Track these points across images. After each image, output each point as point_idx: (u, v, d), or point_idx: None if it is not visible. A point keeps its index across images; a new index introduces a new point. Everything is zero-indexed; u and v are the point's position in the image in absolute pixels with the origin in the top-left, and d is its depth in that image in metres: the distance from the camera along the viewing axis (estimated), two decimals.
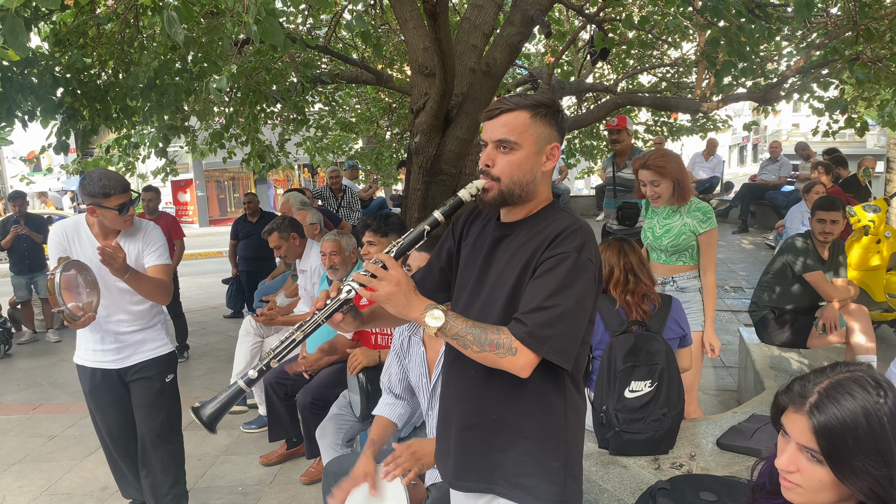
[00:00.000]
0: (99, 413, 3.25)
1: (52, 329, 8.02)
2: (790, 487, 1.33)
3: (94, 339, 3.14)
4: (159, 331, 3.27)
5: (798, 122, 37.23)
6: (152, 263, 3.10)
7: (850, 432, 1.23)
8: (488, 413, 1.71)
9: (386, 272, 1.53)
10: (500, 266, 1.70)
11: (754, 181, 11.01)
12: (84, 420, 5.13)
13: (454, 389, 1.80)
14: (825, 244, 4.22)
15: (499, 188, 1.65)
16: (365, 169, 12.08)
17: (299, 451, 4.23)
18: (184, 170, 23.73)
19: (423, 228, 1.63)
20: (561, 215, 1.68)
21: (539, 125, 1.66)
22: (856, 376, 1.29)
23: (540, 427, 1.69)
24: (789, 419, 1.32)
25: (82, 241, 3.02)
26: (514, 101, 1.66)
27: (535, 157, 1.67)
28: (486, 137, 1.68)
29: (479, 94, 4.58)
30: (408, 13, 4.53)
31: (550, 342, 1.52)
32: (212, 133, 7.66)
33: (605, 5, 6.56)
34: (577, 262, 1.57)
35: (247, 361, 4.71)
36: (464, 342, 1.55)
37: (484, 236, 1.79)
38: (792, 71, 7.32)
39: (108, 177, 2.92)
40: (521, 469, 1.69)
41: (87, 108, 5.68)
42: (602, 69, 11.21)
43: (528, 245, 1.65)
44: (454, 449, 1.78)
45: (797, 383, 1.34)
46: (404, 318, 1.58)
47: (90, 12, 5.42)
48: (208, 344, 7.39)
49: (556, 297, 1.54)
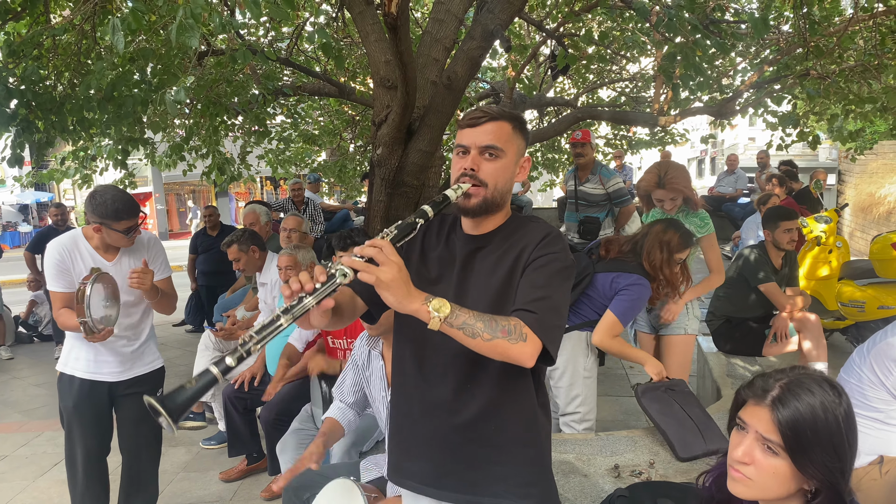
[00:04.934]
0: (80, 428, 3.16)
1: (3, 346, 7.80)
2: (739, 479, 1.38)
3: (89, 351, 3.10)
4: (151, 345, 3.30)
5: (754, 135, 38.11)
6: (159, 277, 3.14)
7: (810, 425, 1.31)
8: (486, 427, 1.70)
9: (387, 256, 1.41)
10: (481, 276, 1.69)
11: (711, 193, 11.24)
12: (37, 439, 4.99)
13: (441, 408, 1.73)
14: (780, 254, 4.35)
15: (484, 194, 1.65)
16: (328, 181, 12.03)
17: (260, 467, 4.18)
18: (143, 182, 23.37)
19: (415, 220, 1.55)
20: (535, 222, 1.72)
21: (518, 137, 1.71)
22: (814, 377, 1.38)
23: (525, 431, 1.72)
24: (749, 413, 1.38)
25: (83, 254, 3.00)
26: (496, 111, 1.68)
27: (513, 167, 1.71)
28: (469, 143, 1.67)
29: (441, 106, 4.61)
30: (369, 26, 4.54)
31: (551, 332, 1.54)
32: (171, 145, 7.55)
33: (564, 21, 6.66)
34: (565, 263, 1.63)
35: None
36: (472, 330, 1.46)
37: (451, 249, 1.76)
38: (746, 86, 7.51)
39: (122, 200, 2.92)
40: (525, 478, 1.72)
41: (42, 119, 5.57)
42: (563, 83, 11.36)
43: (510, 251, 1.67)
44: (451, 466, 1.74)
45: (759, 380, 1.41)
46: (402, 308, 1.44)
47: (45, 23, 5.33)
48: (168, 359, 7.19)
49: (551, 290, 1.58)
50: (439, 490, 1.75)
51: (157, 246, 3.20)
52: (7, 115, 5.16)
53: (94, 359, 3.10)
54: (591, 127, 12.21)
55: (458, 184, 1.64)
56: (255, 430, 4.16)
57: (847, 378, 2.52)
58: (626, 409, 4.73)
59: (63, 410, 3.20)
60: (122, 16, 2.90)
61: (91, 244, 3.02)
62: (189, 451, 4.64)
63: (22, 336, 8.31)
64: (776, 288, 4.20)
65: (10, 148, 5.48)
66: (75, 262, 2.97)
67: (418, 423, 1.77)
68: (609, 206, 5.68)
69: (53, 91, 5.70)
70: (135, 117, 5.94)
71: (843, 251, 5.75)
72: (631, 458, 3.02)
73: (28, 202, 24.96)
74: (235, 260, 4.69)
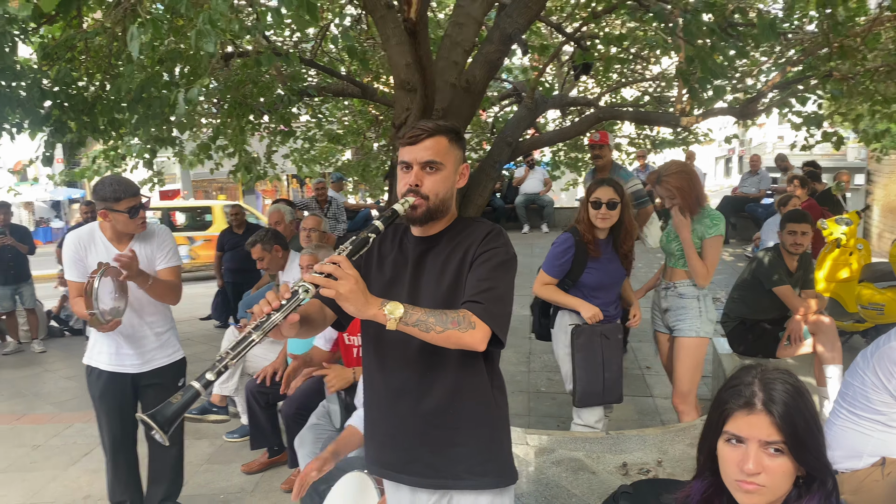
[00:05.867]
0: (105, 417, 3.33)
1: (36, 340, 8.03)
2: (754, 490, 1.37)
3: (110, 345, 3.25)
4: (172, 337, 3.43)
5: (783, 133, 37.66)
6: (164, 266, 3.26)
7: (798, 413, 1.36)
8: (446, 412, 1.84)
9: (343, 271, 1.55)
10: (432, 275, 1.85)
11: (735, 194, 11.18)
12: (67, 430, 5.17)
13: (406, 398, 1.87)
14: (794, 256, 4.34)
15: (427, 205, 1.81)
16: (352, 180, 12.17)
17: (281, 460, 4.29)
18: (171, 180, 23.74)
19: (367, 235, 1.70)
20: (478, 222, 1.90)
21: (455, 148, 1.87)
22: (768, 369, 1.44)
23: (482, 413, 1.87)
24: (742, 424, 1.38)
25: (97, 246, 3.15)
26: (431, 127, 1.82)
27: (453, 176, 1.87)
28: (410, 159, 1.83)
29: (460, 109, 4.69)
30: (390, 30, 4.63)
31: (498, 319, 1.72)
32: (199, 144, 7.74)
33: (584, 23, 6.70)
34: (507, 256, 1.81)
35: (230, 371, 4.77)
36: (426, 326, 1.63)
37: (404, 252, 1.93)
38: (768, 87, 7.48)
39: (119, 182, 3.08)
40: (480, 457, 1.86)
41: (74, 120, 5.75)
42: (586, 83, 11.37)
43: (457, 249, 1.84)
44: (416, 452, 1.88)
45: (730, 391, 1.43)
46: (361, 315, 1.60)
47: (78, 26, 5.50)
48: (195, 354, 7.40)
49: (496, 281, 1.75)
50: (410, 476, 1.90)
51: (166, 236, 3.33)
52: (41, 116, 5.34)
53: (115, 352, 3.25)
54: (615, 126, 12.24)
55: (405, 198, 1.80)
56: (276, 423, 4.27)
57: (851, 381, 2.55)
58: (641, 409, 4.77)
59: (92, 401, 3.37)
60: (141, 25, 3.01)
61: (106, 236, 3.17)
62: (213, 443, 4.77)
63: (54, 330, 8.54)
64: (790, 290, 4.21)
65: (43, 147, 5.67)
66: (90, 253, 3.12)
67: (386, 414, 1.93)
68: None
69: (85, 92, 5.88)
70: (162, 118, 6.10)
71: (864, 253, 5.72)
72: (640, 456, 3.09)
73: (60, 199, 25.51)
74: (259, 259, 4.82)
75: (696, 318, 3.65)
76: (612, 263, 3.60)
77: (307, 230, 4.72)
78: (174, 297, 3.34)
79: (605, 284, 3.60)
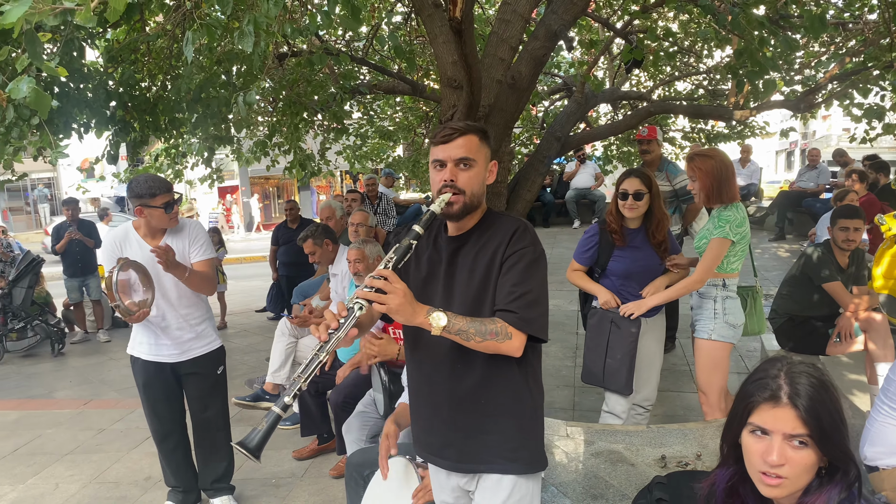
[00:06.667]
0: (150, 404, 3.54)
1: (102, 329, 8.42)
2: (776, 483, 1.40)
3: (149, 336, 3.44)
4: (208, 328, 3.58)
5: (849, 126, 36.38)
6: (198, 259, 3.42)
7: (823, 407, 1.38)
8: (477, 399, 1.94)
9: (392, 285, 1.70)
10: (464, 271, 1.95)
11: (792, 188, 10.90)
12: (130, 415, 5.43)
13: (440, 384, 1.99)
14: (845, 253, 4.26)
15: (463, 200, 1.91)
16: (403, 175, 12.32)
17: (330, 447, 4.44)
18: (230, 177, 24.35)
19: (409, 243, 1.82)
20: (503, 218, 1.98)
21: (484, 146, 1.96)
22: (793, 361, 1.46)
23: (512, 403, 1.95)
24: (767, 417, 1.41)
25: (131, 244, 3.33)
26: (462, 127, 1.93)
27: (484, 173, 1.96)
28: (444, 157, 1.92)
29: (506, 105, 4.73)
30: (437, 29, 4.69)
31: (535, 322, 1.83)
32: (256, 142, 7.97)
33: (632, 18, 6.65)
34: (535, 254, 1.89)
35: (281, 360, 4.96)
36: (467, 335, 1.77)
37: (439, 250, 2.03)
38: (826, 78, 7.29)
39: (153, 179, 3.26)
40: (511, 444, 1.94)
41: (137, 119, 6.01)
42: (638, 76, 11.24)
43: (485, 248, 1.93)
44: (451, 436, 1.99)
45: (755, 384, 1.45)
46: (410, 323, 1.76)
47: (141, 30, 5.75)
48: (250, 344, 7.69)
49: (528, 284, 1.84)
50: (444, 460, 2.03)
51: (199, 230, 3.49)
52: (106, 116, 5.61)
53: (154, 342, 3.44)
54: (668, 120, 12.07)
55: (441, 196, 1.89)
56: (325, 412, 4.42)
57: (893, 377, 2.53)
58: (686, 404, 4.75)
59: (137, 389, 3.58)
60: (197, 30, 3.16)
61: (139, 234, 3.35)
62: None
63: (118, 321, 8.92)
64: (840, 287, 4.13)
65: (109, 146, 5.95)
66: (124, 250, 3.29)
67: (425, 401, 2.06)
68: (676, 202, 5.64)
69: (147, 93, 6.14)
70: (220, 117, 6.32)
71: None
72: (679, 449, 3.10)
73: (124, 195, 26.48)
74: (311, 253, 4.98)
75: (709, 319, 3.51)
76: (641, 252, 3.62)
77: (355, 225, 4.87)
78: (210, 288, 3.50)
79: (634, 272, 3.64)
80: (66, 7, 1.77)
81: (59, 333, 7.92)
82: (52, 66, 2.04)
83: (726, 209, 3.43)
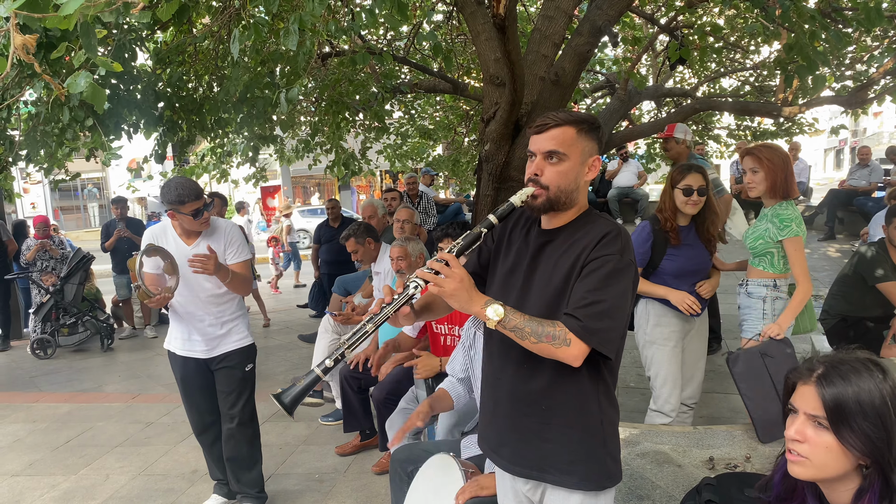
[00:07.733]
0: (188, 398, 3.61)
1: (149, 325, 8.60)
2: (796, 461, 1.41)
3: (183, 331, 3.51)
4: (241, 325, 3.61)
5: None
6: (235, 260, 3.46)
7: (852, 396, 1.35)
8: (538, 404, 1.85)
9: (451, 269, 1.67)
10: (547, 269, 1.84)
11: (842, 187, 10.62)
12: (177, 409, 5.54)
13: (504, 381, 1.93)
14: None
15: (547, 196, 1.81)
16: (443, 174, 12.34)
17: (372, 443, 4.46)
18: (272, 176, 24.70)
19: (479, 230, 1.79)
20: (599, 220, 1.85)
21: (584, 139, 1.83)
22: (859, 356, 1.42)
23: (576, 414, 1.83)
24: (798, 395, 1.43)
25: (168, 241, 3.39)
26: (561, 117, 1.81)
27: (579, 168, 1.83)
28: (535, 149, 1.84)
29: (549, 102, 4.70)
30: (480, 26, 4.69)
31: (600, 334, 1.68)
32: (299, 141, 8.08)
33: (678, 14, 6.55)
34: (620, 264, 1.73)
35: (325, 357, 5.00)
36: (521, 334, 1.69)
37: (528, 242, 1.93)
38: (880, 73, 7.08)
39: (183, 185, 3.26)
40: (569, 457, 1.83)
41: (184, 119, 6.14)
42: (683, 73, 11.08)
43: (571, 249, 1.80)
44: (508, 436, 1.92)
45: (805, 363, 1.46)
46: (465, 311, 1.71)
47: (188, 32, 5.86)
48: (293, 341, 7.79)
49: (603, 293, 1.70)
50: (499, 458, 1.95)
51: (235, 232, 3.51)
52: (155, 117, 5.74)
53: (187, 337, 3.51)
54: (714, 117, 11.86)
55: (525, 189, 1.82)
56: (368, 408, 4.44)
57: None
58: (733, 406, 4.66)
59: (176, 382, 3.66)
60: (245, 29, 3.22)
61: (176, 232, 3.41)
62: (309, 426, 5.01)
63: (164, 317, 9.11)
64: (895, 287, 4.01)
65: (157, 146, 6.08)
66: (161, 245, 3.33)
67: (490, 394, 1.99)
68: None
69: (194, 94, 6.26)
70: (265, 117, 6.41)
71: None
72: (727, 451, 3.04)
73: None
74: (353, 252, 5.01)
75: (758, 319, 3.43)
76: (693, 250, 3.54)
77: (401, 221, 4.89)
78: (247, 289, 3.55)
79: (688, 271, 3.55)
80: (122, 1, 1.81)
81: (109, 329, 8.11)
82: (107, 60, 2.09)
83: (783, 207, 3.32)
